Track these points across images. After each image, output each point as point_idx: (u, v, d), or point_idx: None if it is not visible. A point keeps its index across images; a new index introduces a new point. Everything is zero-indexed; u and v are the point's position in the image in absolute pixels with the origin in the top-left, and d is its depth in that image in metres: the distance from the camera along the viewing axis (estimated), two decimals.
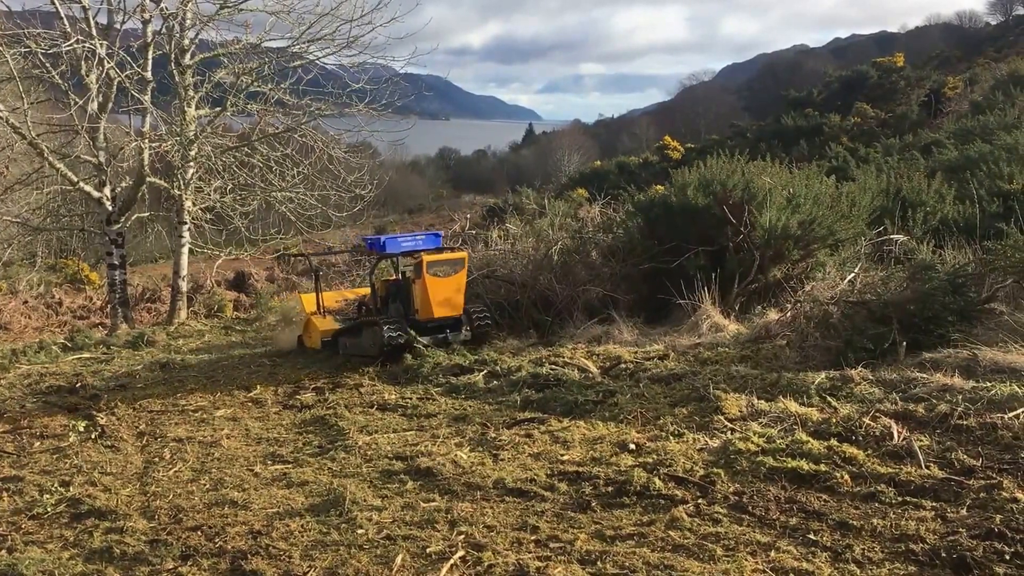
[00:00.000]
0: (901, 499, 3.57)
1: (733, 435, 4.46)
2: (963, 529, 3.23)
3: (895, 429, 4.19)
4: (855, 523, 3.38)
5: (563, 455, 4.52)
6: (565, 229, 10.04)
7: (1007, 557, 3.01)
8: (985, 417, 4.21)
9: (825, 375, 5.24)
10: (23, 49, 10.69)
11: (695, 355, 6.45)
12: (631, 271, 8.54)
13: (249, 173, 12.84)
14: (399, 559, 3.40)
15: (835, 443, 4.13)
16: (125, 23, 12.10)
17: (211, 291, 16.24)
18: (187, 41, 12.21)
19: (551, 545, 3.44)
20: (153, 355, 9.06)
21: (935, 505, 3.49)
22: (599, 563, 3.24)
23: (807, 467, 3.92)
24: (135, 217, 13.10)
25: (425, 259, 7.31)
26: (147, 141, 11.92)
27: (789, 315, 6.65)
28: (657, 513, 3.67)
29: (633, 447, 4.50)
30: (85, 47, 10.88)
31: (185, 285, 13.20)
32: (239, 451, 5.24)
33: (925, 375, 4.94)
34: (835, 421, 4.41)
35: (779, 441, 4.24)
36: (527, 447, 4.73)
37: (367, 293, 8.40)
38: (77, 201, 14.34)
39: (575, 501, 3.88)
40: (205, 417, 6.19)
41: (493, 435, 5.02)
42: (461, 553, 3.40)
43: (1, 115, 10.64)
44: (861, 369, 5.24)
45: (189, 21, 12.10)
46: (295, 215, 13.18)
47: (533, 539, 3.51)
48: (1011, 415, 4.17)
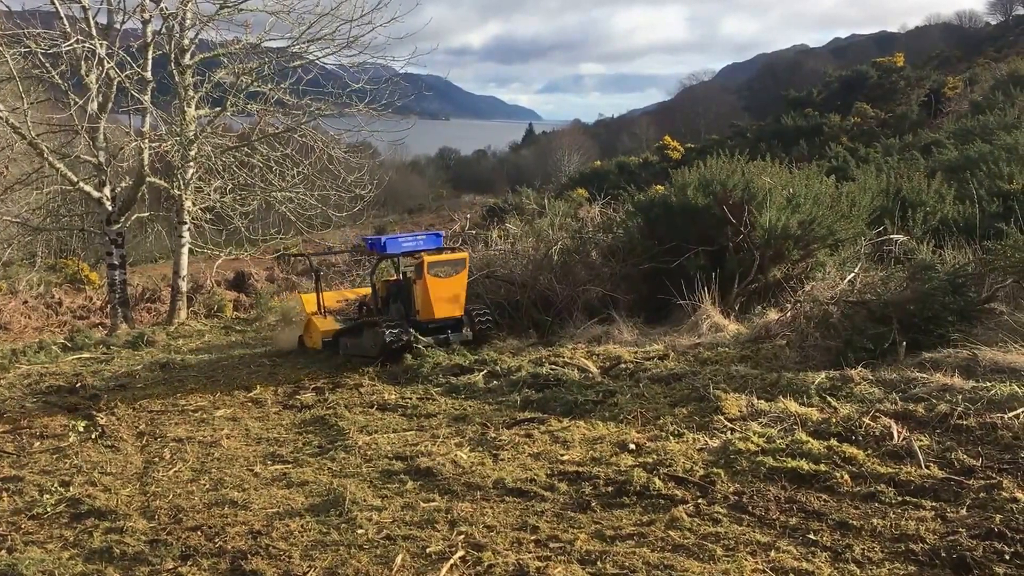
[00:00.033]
0: (901, 499, 3.57)
1: (733, 435, 4.46)
2: (963, 529, 3.23)
3: (895, 429, 4.19)
4: (855, 523, 3.38)
5: (563, 455, 4.52)
6: (565, 229, 10.04)
7: (1007, 557, 3.01)
8: (985, 417, 4.21)
9: (825, 375, 5.24)
10: (23, 49, 10.69)
11: (695, 355, 6.45)
12: (631, 271, 8.54)
13: (249, 173, 12.84)
14: (399, 559, 3.40)
15: (835, 443, 4.13)
16: (125, 23, 12.13)
17: (211, 291, 16.23)
18: (187, 41, 12.22)
19: (551, 545, 3.44)
20: (153, 355, 9.06)
21: (935, 505, 3.49)
22: (599, 563, 3.24)
23: (807, 467, 3.92)
24: (135, 217, 13.10)
25: (426, 259, 7.30)
26: (147, 141, 11.92)
27: (789, 315, 6.65)
28: (657, 513, 3.67)
29: (633, 447, 4.50)
30: (85, 47, 10.88)
31: (185, 285, 13.20)
32: (239, 451, 5.24)
33: (925, 375, 4.94)
34: (835, 421, 4.41)
35: (779, 441, 4.24)
36: (527, 447, 4.73)
37: (368, 293, 8.39)
38: (77, 201, 14.35)
39: (575, 501, 3.88)
40: (205, 417, 6.19)
41: (493, 435, 5.02)
42: (461, 553, 3.40)
43: (1, 115, 10.64)
44: (861, 369, 5.24)
45: (189, 21, 12.10)
46: (295, 215, 13.18)
47: (533, 539, 3.51)
48: (1011, 415, 4.17)
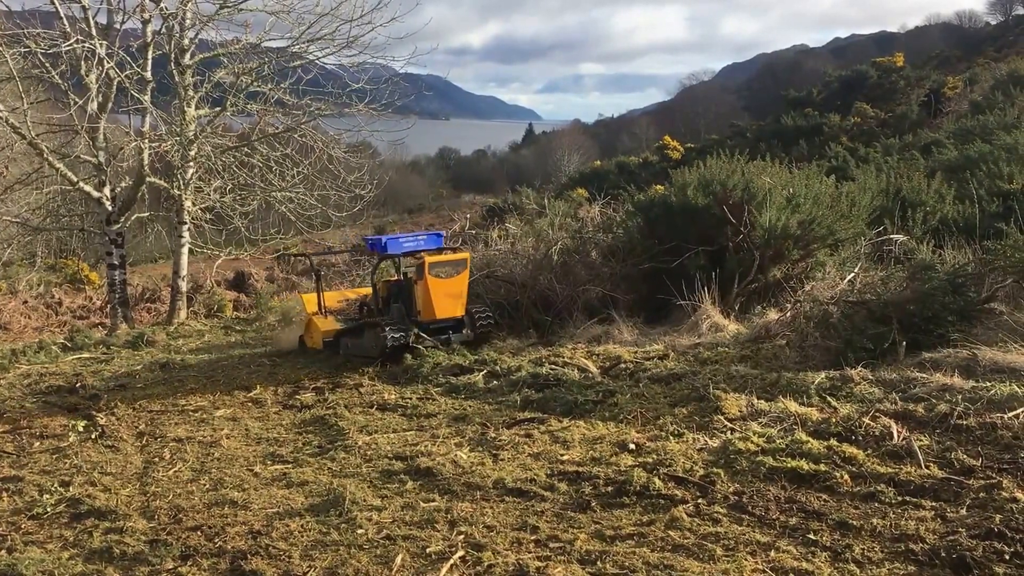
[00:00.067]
0: (901, 499, 3.57)
1: (733, 435, 4.46)
2: (963, 529, 3.23)
3: (895, 429, 4.19)
4: (855, 523, 3.38)
5: (563, 455, 4.52)
6: (565, 229, 10.04)
7: (1007, 557, 3.01)
8: (985, 417, 4.21)
9: (825, 375, 5.24)
10: (23, 49, 10.69)
11: (695, 355, 6.45)
12: (631, 271, 8.54)
13: (249, 173, 12.84)
14: (399, 559, 3.40)
15: (835, 443, 4.13)
16: (125, 23, 12.12)
17: (211, 291, 16.22)
18: (187, 41, 12.21)
19: (551, 545, 3.44)
20: (153, 355, 9.06)
21: (935, 505, 3.49)
22: (599, 563, 3.24)
23: (807, 467, 3.93)
24: (135, 217, 13.10)
25: (427, 260, 7.28)
26: (147, 141, 11.92)
27: (789, 315, 6.65)
28: (657, 513, 3.67)
29: (633, 447, 4.50)
30: (85, 47, 10.87)
31: (185, 285, 13.20)
32: (239, 451, 5.24)
33: (925, 375, 4.94)
34: (835, 421, 4.41)
35: (779, 441, 4.25)
36: (527, 447, 4.73)
37: (368, 293, 8.37)
38: (77, 201, 14.34)
39: (575, 501, 3.88)
40: (205, 417, 6.18)
41: (493, 435, 5.03)
42: (461, 553, 3.40)
43: (1, 115, 10.63)
44: (861, 369, 5.24)
45: (189, 21, 12.10)
46: (295, 215, 13.18)
47: (533, 539, 3.51)
48: (1011, 415, 4.17)
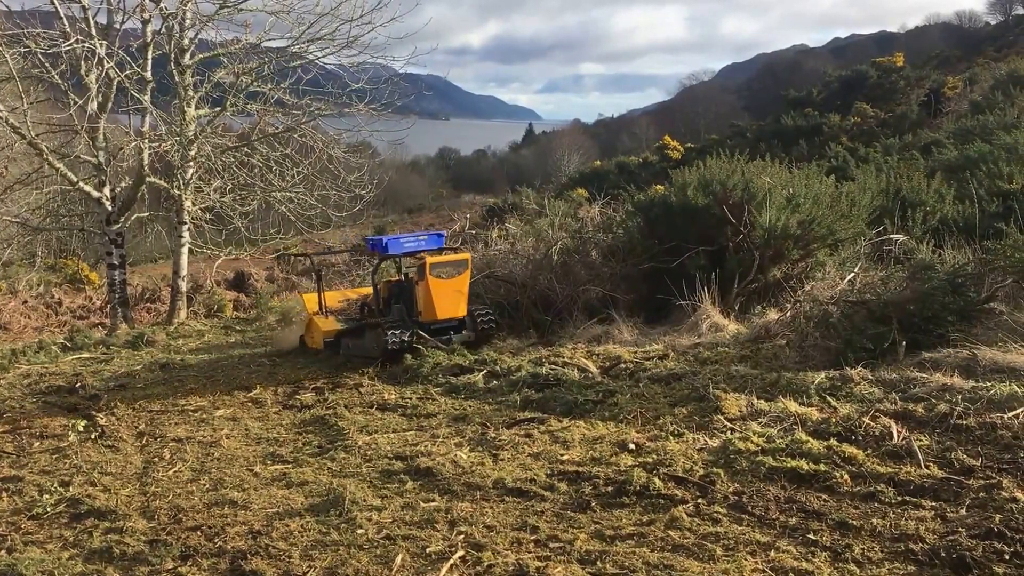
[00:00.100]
0: (901, 499, 3.57)
1: (733, 435, 4.46)
2: (963, 529, 3.23)
3: (895, 429, 4.19)
4: (855, 523, 3.38)
5: (563, 455, 4.52)
6: (565, 229, 10.05)
7: (1007, 557, 3.01)
8: (985, 417, 4.21)
9: (825, 375, 5.24)
10: (23, 49, 10.69)
11: (695, 355, 6.45)
12: (631, 271, 8.55)
13: (249, 173, 12.84)
14: (399, 559, 3.40)
15: (835, 443, 4.13)
16: (125, 23, 12.12)
17: (211, 291, 16.22)
18: (187, 41, 12.21)
19: (551, 545, 3.44)
20: (153, 355, 9.06)
21: (935, 505, 3.49)
22: (599, 563, 3.24)
23: (807, 467, 3.93)
24: (135, 217, 13.10)
25: (428, 261, 7.26)
26: (147, 141, 11.92)
27: (789, 315, 6.65)
28: (657, 513, 3.67)
29: (633, 447, 4.50)
30: (84, 47, 10.87)
31: (185, 285, 13.19)
32: (239, 451, 5.24)
33: (925, 375, 4.94)
34: (835, 421, 4.41)
35: (779, 441, 4.24)
36: (527, 447, 4.73)
37: (369, 293, 8.34)
38: (77, 201, 14.35)
39: (575, 501, 3.88)
40: (205, 417, 6.19)
41: (493, 435, 5.02)
42: (461, 553, 3.40)
43: (1, 115, 10.63)
44: (861, 369, 5.24)
45: (189, 21, 12.09)
46: (295, 215, 13.18)
47: (533, 539, 3.51)
48: (1010, 415, 4.17)
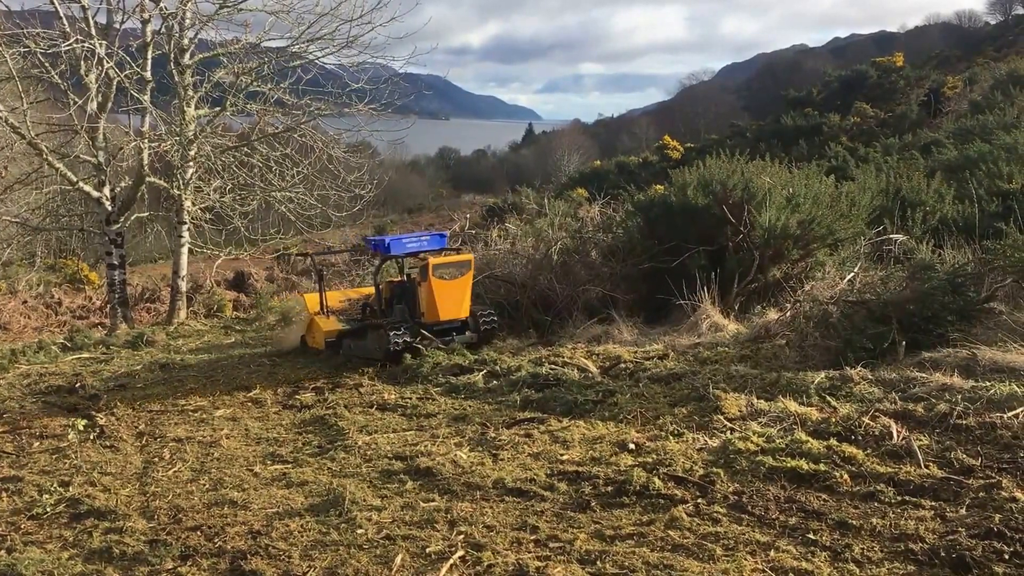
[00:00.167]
0: (900, 498, 3.57)
1: (733, 435, 4.46)
2: (962, 528, 3.23)
3: (894, 429, 4.19)
4: (854, 522, 3.38)
5: (563, 455, 4.52)
6: (565, 229, 10.05)
7: (1006, 556, 3.01)
8: (984, 416, 4.21)
9: (824, 375, 5.24)
10: (22, 49, 10.69)
11: (695, 355, 6.45)
12: (631, 271, 8.55)
13: (249, 173, 12.84)
14: (399, 559, 3.40)
15: (834, 443, 4.13)
16: (124, 23, 12.13)
17: (211, 291, 16.22)
18: (186, 41, 12.21)
19: (551, 545, 3.44)
20: (152, 355, 9.06)
21: (934, 504, 3.49)
22: (599, 563, 3.24)
23: (806, 467, 3.93)
24: (134, 217, 13.10)
25: (431, 262, 7.21)
26: (146, 141, 11.92)
27: (789, 315, 6.65)
28: (657, 513, 3.67)
29: (633, 447, 4.50)
30: (84, 47, 10.87)
31: (185, 285, 13.20)
32: (239, 451, 5.24)
33: (924, 375, 4.94)
34: (834, 421, 4.41)
35: (778, 441, 4.24)
36: (527, 447, 4.73)
37: (371, 293, 8.28)
38: (76, 201, 14.35)
39: (575, 501, 3.88)
40: (205, 417, 6.18)
41: (493, 435, 5.02)
42: (461, 553, 3.40)
43: (0, 115, 10.63)
44: (860, 369, 5.24)
45: (188, 21, 12.10)
46: (295, 215, 13.19)
47: (533, 539, 3.51)
48: (1010, 414, 4.17)
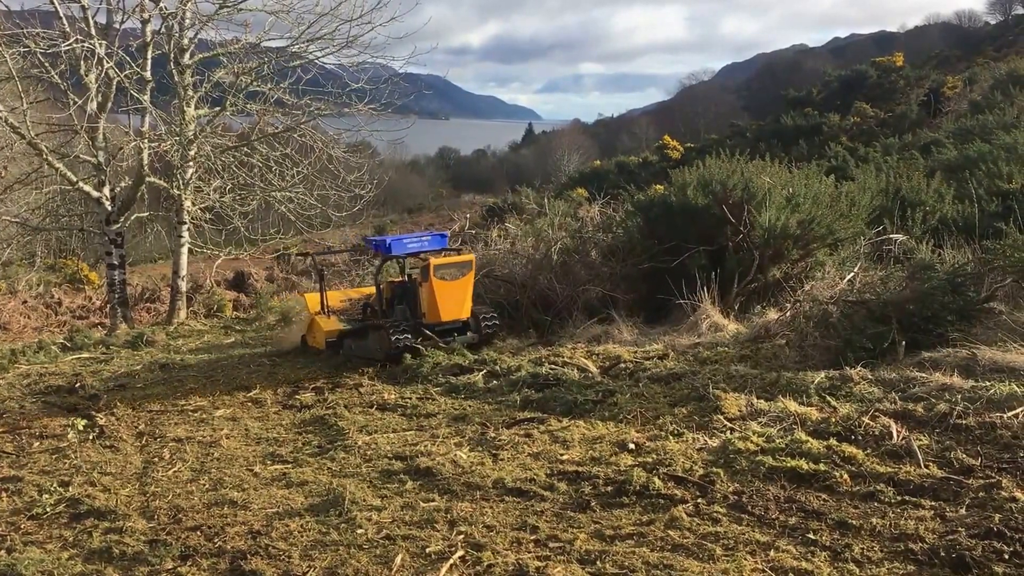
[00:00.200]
0: (900, 498, 3.57)
1: (732, 435, 4.46)
2: (962, 528, 3.24)
3: (894, 428, 4.19)
4: (854, 522, 3.38)
5: (563, 455, 4.52)
6: (565, 229, 10.04)
7: (1006, 556, 3.01)
8: (984, 416, 4.21)
9: (824, 374, 5.24)
10: (22, 49, 10.69)
11: (694, 355, 6.45)
12: (631, 271, 8.55)
13: (248, 173, 12.84)
14: (399, 559, 3.40)
15: (834, 442, 4.13)
16: (124, 23, 12.14)
17: (211, 291, 16.22)
18: (186, 41, 12.21)
19: (551, 545, 3.44)
20: (152, 355, 9.06)
21: (934, 504, 3.49)
22: (598, 563, 3.24)
23: (806, 466, 3.93)
24: (134, 217, 13.10)
25: (432, 262, 7.19)
26: (146, 141, 11.92)
27: (788, 314, 6.65)
28: (656, 513, 3.67)
29: (632, 447, 4.50)
30: (84, 47, 10.87)
31: (184, 285, 13.20)
32: (239, 451, 5.24)
33: (924, 374, 4.94)
34: (834, 420, 4.41)
35: (778, 440, 4.25)
36: (527, 447, 4.73)
37: (372, 293, 8.26)
38: (76, 201, 14.35)
39: (575, 501, 3.88)
40: (204, 417, 6.18)
41: (493, 435, 5.03)
42: (461, 553, 3.40)
43: (0, 115, 10.63)
44: (860, 368, 5.24)
45: (188, 20, 12.10)
46: (295, 215, 13.19)
47: (533, 539, 3.51)
48: (1010, 414, 4.17)
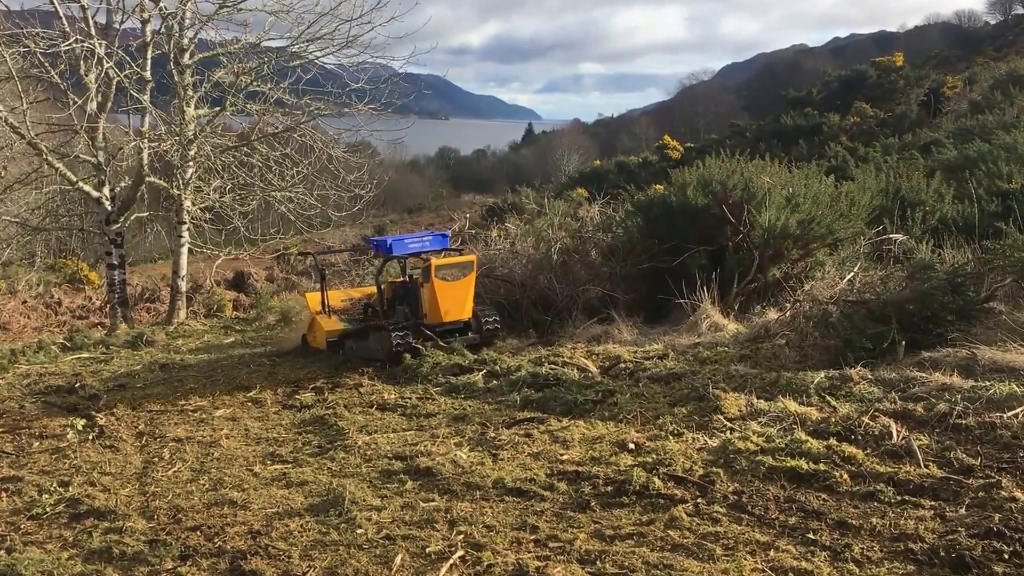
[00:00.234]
0: (900, 498, 3.57)
1: (732, 434, 4.46)
2: (962, 528, 3.24)
3: (894, 428, 4.19)
4: (854, 522, 3.38)
5: (562, 455, 4.53)
6: (565, 229, 10.03)
7: (1006, 556, 3.01)
8: (984, 416, 4.21)
9: (824, 374, 5.24)
10: (22, 49, 10.69)
11: (694, 354, 6.45)
12: (631, 271, 8.54)
13: (248, 173, 12.84)
14: (398, 559, 3.40)
15: (834, 442, 4.13)
16: (124, 22, 12.14)
17: (210, 291, 16.22)
18: (186, 40, 12.21)
19: (550, 545, 3.44)
20: (152, 355, 9.06)
21: (934, 504, 3.49)
22: (598, 563, 3.24)
23: (806, 466, 3.93)
24: (134, 217, 13.09)
25: (434, 263, 7.16)
26: (146, 141, 11.92)
27: (788, 314, 6.65)
28: (656, 512, 3.67)
29: (632, 447, 4.50)
30: (84, 47, 10.87)
31: (184, 285, 13.19)
32: (238, 451, 5.24)
33: (924, 374, 4.94)
34: (834, 420, 4.41)
35: (778, 440, 4.25)
36: (526, 447, 4.73)
37: (373, 292, 8.23)
38: (76, 201, 14.35)
39: (574, 501, 3.88)
40: (204, 417, 6.18)
41: (493, 435, 5.03)
42: (460, 553, 3.40)
43: (0, 115, 10.63)
44: (860, 368, 5.24)
45: (188, 20, 12.09)
46: (295, 215, 13.19)
47: (532, 539, 3.51)
48: (1010, 414, 4.17)
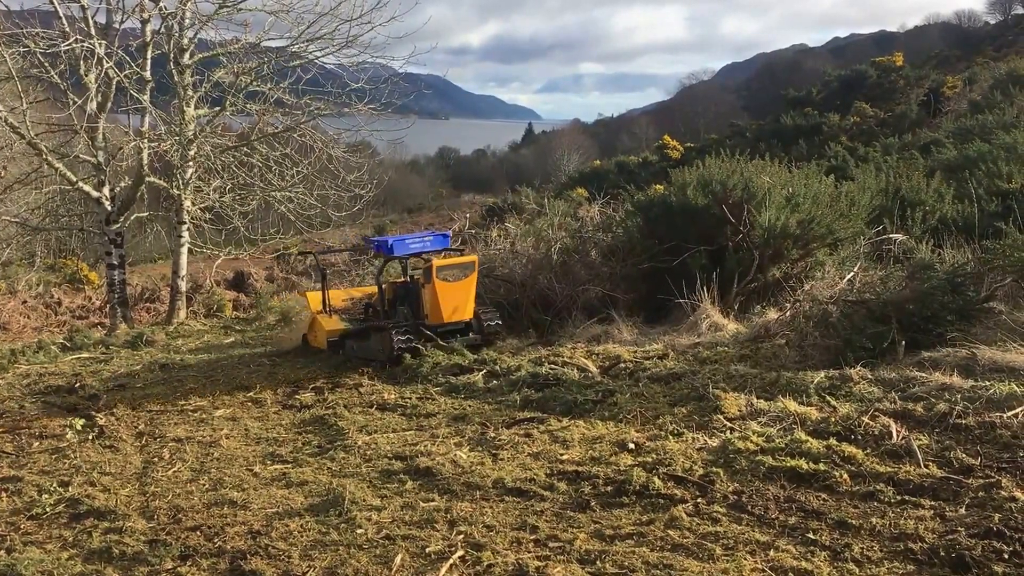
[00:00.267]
0: (900, 498, 3.57)
1: (732, 434, 4.46)
2: (962, 528, 3.24)
3: (894, 428, 4.19)
4: (854, 522, 3.38)
5: (562, 455, 4.53)
6: (565, 229, 10.03)
7: (1006, 556, 3.01)
8: (984, 416, 4.21)
9: (824, 374, 5.24)
10: (22, 49, 10.69)
11: (694, 354, 6.45)
12: (631, 271, 8.54)
13: (248, 173, 12.84)
14: (398, 559, 3.40)
15: (834, 442, 4.13)
16: (124, 22, 12.14)
17: (210, 291, 16.22)
18: (186, 40, 12.21)
19: (550, 545, 3.44)
20: (152, 355, 9.06)
21: (934, 504, 3.49)
22: (598, 562, 3.24)
23: (806, 466, 3.93)
24: (134, 217, 13.09)
25: (435, 264, 7.15)
26: (146, 141, 11.92)
27: (788, 314, 6.65)
28: (656, 512, 3.67)
29: (632, 446, 4.50)
30: (84, 47, 10.87)
31: (184, 285, 13.20)
32: (238, 451, 5.24)
33: (924, 374, 4.94)
34: (834, 420, 4.41)
35: (778, 440, 4.25)
36: (526, 447, 4.73)
37: (374, 292, 8.23)
38: (76, 201, 14.35)
39: (574, 501, 3.88)
40: (204, 417, 6.18)
41: (492, 435, 5.03)
42: (460, 553, 3.40)
43: (0, 115, 10.63)
44: (860, 368, 5.24)
45: (188, 20, 12.09)
46: (294, 215, 13.19)
47: (532, 539, 3.51)
48: (1010, 414, 4.17)
